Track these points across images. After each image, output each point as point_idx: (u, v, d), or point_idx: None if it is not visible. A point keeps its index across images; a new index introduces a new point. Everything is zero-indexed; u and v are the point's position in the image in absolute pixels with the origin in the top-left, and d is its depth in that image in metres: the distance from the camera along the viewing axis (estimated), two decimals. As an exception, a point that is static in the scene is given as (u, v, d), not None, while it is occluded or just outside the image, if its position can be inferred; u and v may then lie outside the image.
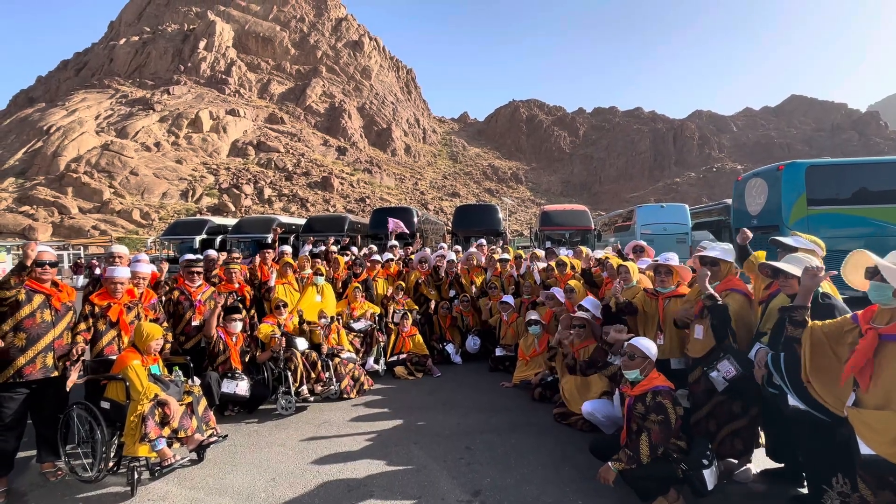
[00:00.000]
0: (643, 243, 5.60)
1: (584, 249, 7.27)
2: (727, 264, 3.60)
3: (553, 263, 6.37)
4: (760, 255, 3.80)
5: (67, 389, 3.60)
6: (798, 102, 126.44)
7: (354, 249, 9.28)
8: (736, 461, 3.38)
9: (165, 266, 5.54)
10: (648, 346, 3.26)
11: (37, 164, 54.70)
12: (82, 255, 27.72)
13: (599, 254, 6.32)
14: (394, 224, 10.09)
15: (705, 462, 2.92)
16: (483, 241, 9.40)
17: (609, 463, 3.03)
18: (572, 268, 6.17)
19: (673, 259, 4.04)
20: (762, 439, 3.53)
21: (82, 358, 3.74)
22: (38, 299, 3.55)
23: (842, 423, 2.37)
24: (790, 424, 2.80)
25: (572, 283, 5.53)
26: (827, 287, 2.95)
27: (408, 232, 10.43)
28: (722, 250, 3.65)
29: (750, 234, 4.14)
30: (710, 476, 2.90)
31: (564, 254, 7.25)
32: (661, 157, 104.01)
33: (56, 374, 3.61)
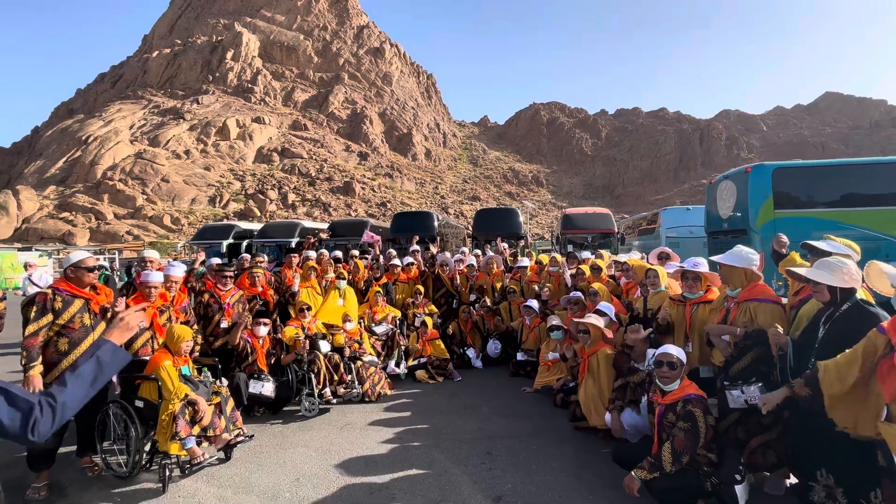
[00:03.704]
0: (668, 250, 5.48)
1: (606, 253, 7.15)
2: (740, 271, 3.37)
3: (585, 267, 6.28)
4: (794, 257, 3.63)
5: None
6: (833, 99, 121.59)
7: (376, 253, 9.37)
8: (769, 474, 3.26)
9: (202, 256, 5.73)
10: (682, 353, 3.17)
11: (76, 173, 57.41)
12: (117, 260, 28.87)
13: (624, 257, 6.21)
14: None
15: (738, 477, 2.81)
16: (505, 244, 9.34)
17: (633, 471, 2.96)
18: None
19: (702, 265, 3.93)
20: None
21: None
22: (77, 304, 3.68)
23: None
24: (823, 437, 2.66)
25: (596, 285, 5.45)
26: (864, 294, 2.83)
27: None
28: (733, 255, 3.41)
29: (786, 240, 3.96)
30: (741, 492, 2.80)
31: (586, 257, 7.16)
32: (687, 158, 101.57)
33: None
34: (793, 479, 3.29)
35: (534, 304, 6.63)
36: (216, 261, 5.56)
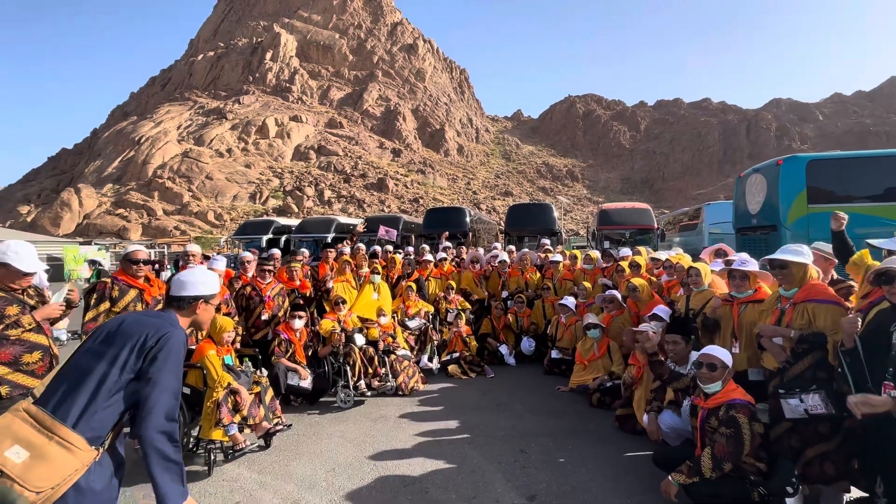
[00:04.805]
0: (726, 247, 5.21)
1: (644, 250, 6.90)
2: (799, 267, 3.13)
3: (624, 264, 6.09)
4: (866, 255, 3.29)
5: None
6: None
7: (410, 249, 9.45)
8: (825, 487, 3.03)
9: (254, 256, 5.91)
10: (725, 354, 3.02)
11: (129, 172, 61.06)
12: (165, 254, 30.52)
13: (663, 255, 5.97)
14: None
15: (790, 490, 2.64)
16: (547, 240, 9.17)
17: (670, 475, 2.86)
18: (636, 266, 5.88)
19: (750, 263, 3.70)
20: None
21: None
22: (132, 293, 3.93)
23: None
24: None
25: (636, 281, 5.25)
26: None
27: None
28: (792, 251, 3.19)
29: (844, 216, 3.67)
30: None
31: (624, 254, 6.93)
32: (732, 150, 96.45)
33: None
34: (854, 493, 3.06)
35: (570, 301, 6.49)
36: (248, 255, 5.74)
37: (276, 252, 6.60)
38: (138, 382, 1.70)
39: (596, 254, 7.44)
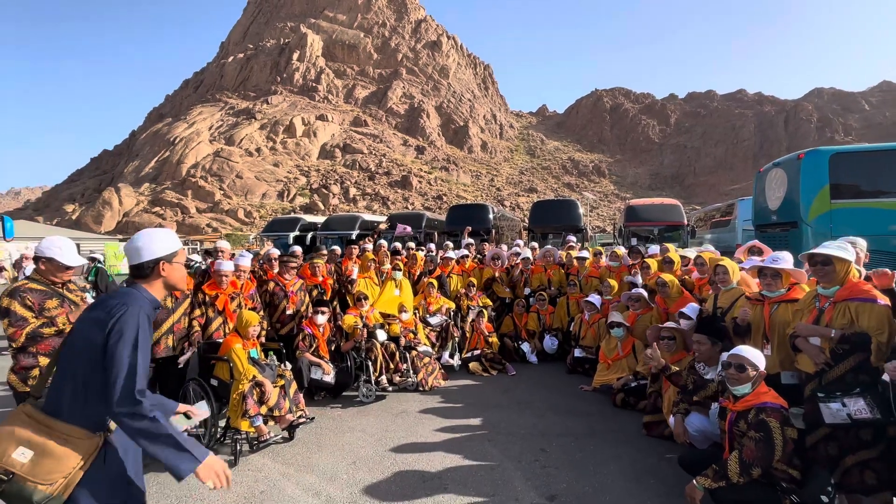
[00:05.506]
0: (761, 244, 5.00)
1: (671, 246, 6.70)
2: (844, 264, 2.96)
3: (651, 261, 5.94)
4: None
5: (179, 365, 4.14)
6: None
7: (432, 246, 9.48)
8: (866, 497, 2.87)
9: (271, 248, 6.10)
10: (757, 356, 2.89)
11: (165, 171, 63.55)
12: (198, 250, 31.60)
13: (692, 253, 5.77)
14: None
15: (825, 499, 2.51)
16: (573, 237, 9.01)
17: (695, 479, 2.77)
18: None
19: (782, 261, 3.52)
20: None
21: (197, 341, 4.28)
22: (163, 288, 4.10)
23: None
24: None
25: (666, 276, 5.10)
26: None
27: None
28: (837, 247, 3.04)
29: (893, 275, 3.45)
30: None
31: (652, 252, 6.75)
32: (769, 143, 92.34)
33: (175, 353, 4.17)
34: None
35: (595, 299, 6.37)
36: (275, 252, 5.88)
37: (298, 249, 6.74)
38: (105, 370, 1.70)
39: (622, 251, 7.27)
